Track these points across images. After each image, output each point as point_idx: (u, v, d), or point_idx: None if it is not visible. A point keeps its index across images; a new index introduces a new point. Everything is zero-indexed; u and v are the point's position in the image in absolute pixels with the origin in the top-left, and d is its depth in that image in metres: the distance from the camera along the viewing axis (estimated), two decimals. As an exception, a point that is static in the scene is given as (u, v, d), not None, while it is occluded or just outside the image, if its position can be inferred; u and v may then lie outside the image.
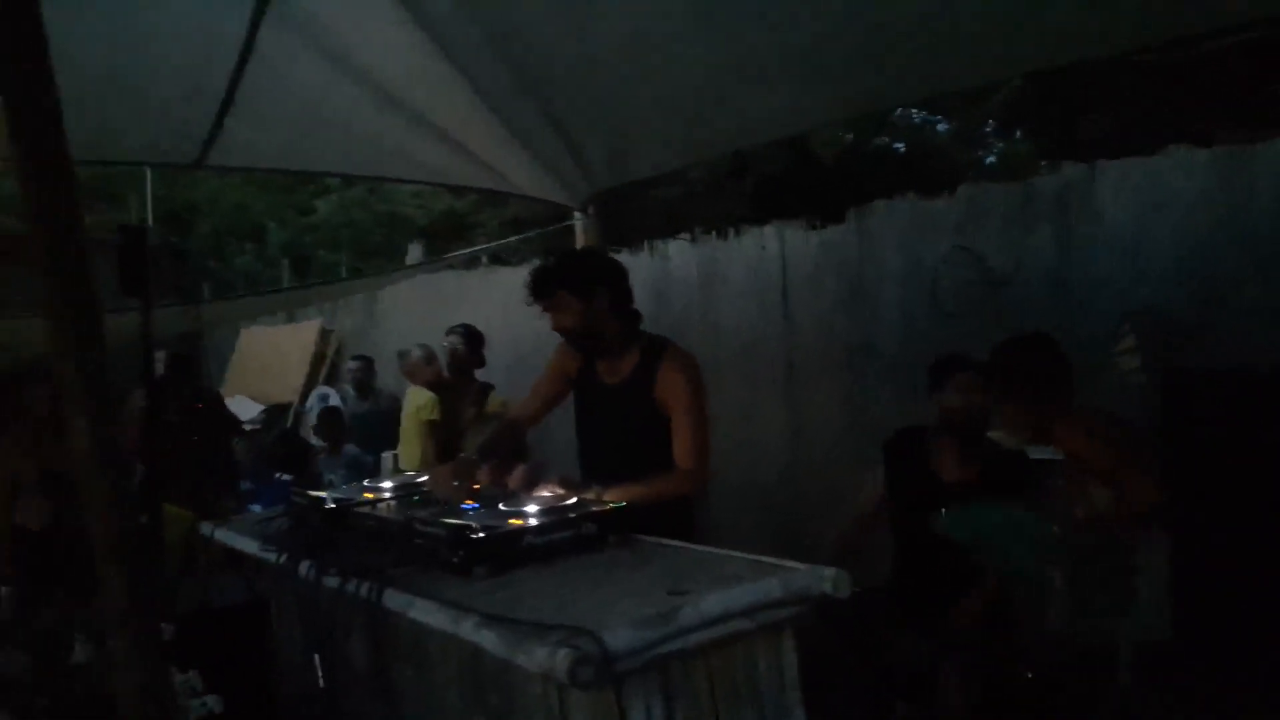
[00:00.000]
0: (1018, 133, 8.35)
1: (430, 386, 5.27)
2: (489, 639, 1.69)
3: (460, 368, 5.21)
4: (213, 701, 2.45)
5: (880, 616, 2.95)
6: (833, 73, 3.14)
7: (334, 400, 9.16)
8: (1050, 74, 6.23)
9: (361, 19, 3.02)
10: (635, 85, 3.31)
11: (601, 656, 1.56)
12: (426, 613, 1.89)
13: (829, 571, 1.87)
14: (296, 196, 17.34)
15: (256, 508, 6.39)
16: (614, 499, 2.46)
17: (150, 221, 12.95)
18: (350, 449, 6.56)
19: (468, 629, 1.75)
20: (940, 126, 9.88)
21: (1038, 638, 2.95)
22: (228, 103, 3.25)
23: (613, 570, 2.04)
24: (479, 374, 5.29)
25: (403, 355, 5.43)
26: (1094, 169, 3.89)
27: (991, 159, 9.13)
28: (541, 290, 2.81)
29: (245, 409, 9.34)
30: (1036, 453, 2.84)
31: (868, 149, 9.65)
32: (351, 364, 7.86)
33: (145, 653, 1.76)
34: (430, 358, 5.35)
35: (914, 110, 9.84)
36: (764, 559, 1.98)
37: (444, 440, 5.05)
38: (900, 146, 10.44)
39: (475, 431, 4.68)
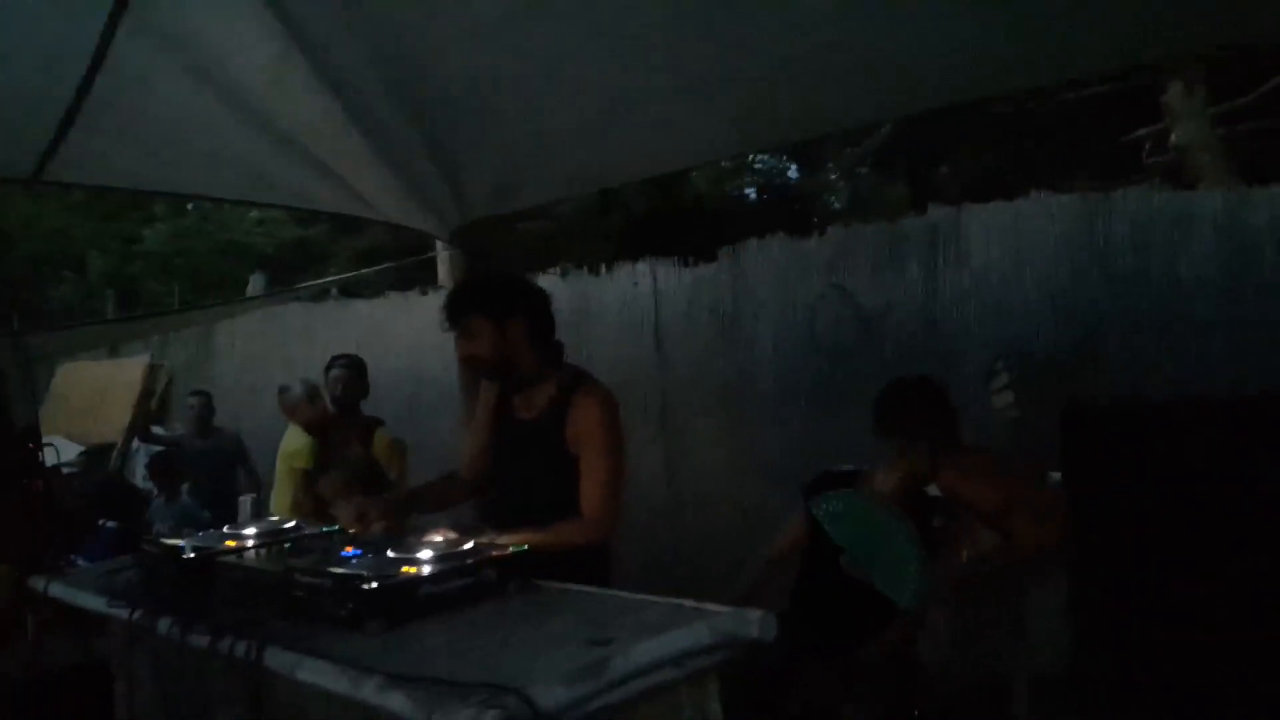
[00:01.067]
0: (863, 174, 8.68)
1: (311, 427, 4.83)
2: (398, 702, 1.52)
3: (345, 403, 4.84)
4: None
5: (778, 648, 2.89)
6: (728, 108, 3.14)
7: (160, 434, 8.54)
8: (918, 120, 6.55)
9: (229, 31, 2.82)
10: (530, 110, 3.20)
11: (531, 716, 1.43)
12: (318, 674, 1.69)
13: (755, 615, 1.80)
14: (122, 224, 16.24)
15: (78, 559, 5.82)
16: (511, 543, 2.32)
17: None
18: (186, 500, 6.04)
19: (371, 691, 1.58)
20: (790, 173, 10.24)
21: (922, 671, 2.97)
22: (73, 114, 2.96)
23: (523, 620, 1.90)
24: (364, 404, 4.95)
25: (283, 391, 4.98)
26: (960, 211, 4.04)
27: (838, 205, 9.47)
28: (454, 314, 2.61)
29: (64, 450, 8.57)
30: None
31: (724, 193, 9.87)
32: (190, 400, 7.32)
33: None
34: (314, 394, 4.91)
35: (765, 156, 10.15)
36: (683, 603, 1.89)
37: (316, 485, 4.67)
38: (751, 192, 10.72)
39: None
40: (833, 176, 8.83)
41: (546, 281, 5.75)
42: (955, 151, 6.83)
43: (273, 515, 4.81)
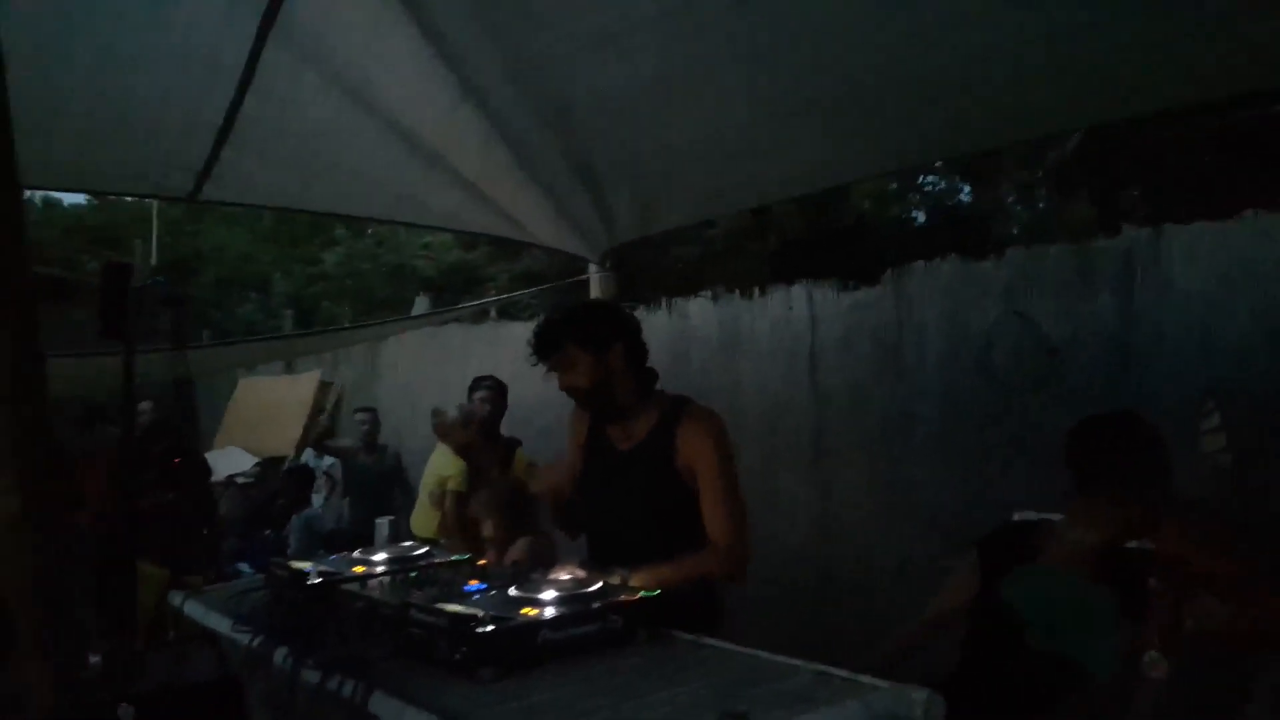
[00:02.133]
0: (1044, 193, 8.06)
1: (463, 451, 4.85)
2: (499, 771, 1.35)
3: (488, 427, 4.82)
4: (163, 814, 2.08)
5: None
6: (876, 122, 2.91)
7: (327, 460, 8.82)
8: (1108, 135, 6.03)
9: (376, 48, 2.79)
10: (670, 129, 3.09)
11: (645, 807, 1.22)
12: (421, 727, 1.54)
13: (919, 694, 1.53)
14: (304, 249, 17.21)
15: (244, 566, 6.02)
16: (642, 584, 2.13)
17: (155, 270, 12.78)
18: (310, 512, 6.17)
19: (471, 754, 1.41)
20: (962, 195, 9.70)
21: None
22: (225, 132, 3.00)
23: (646, 678, 1.69)
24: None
25: (437, 414, 5.03)
26: (1160, 233, 3.61)
27: (1016, 227, 8.84)
28: (548, 346, 2.53)
29: (239, 461, 9.02)
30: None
31: (889, 214, 9.46)
32: (359, 416, 7.52)
33: None
34: (469, 420, 4.95)
35: (933, 176, 9.67)
36: (833, 671, 1.64)
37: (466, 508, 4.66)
38: (919, 215, 10.25)
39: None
40: (1010, 198, 8.27)
41: (696, 305, 5.58)
42: (1149, 168, 6.23)
43: (412, 537, 4.82)
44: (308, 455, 9.03)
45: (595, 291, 4.42)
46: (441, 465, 4.89)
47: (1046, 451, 3.71)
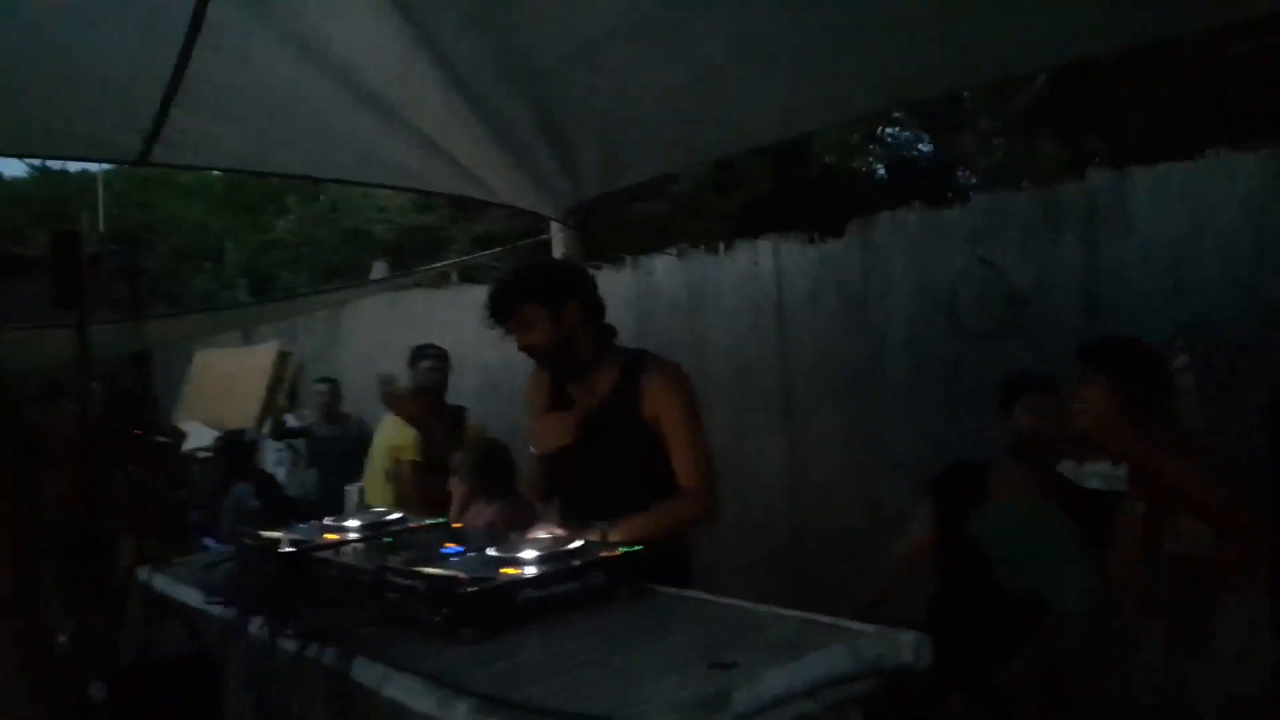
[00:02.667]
0: (1007, 140, 8.04)
1: (414, 421, 4.79)
2: (490, 732, 1.32)
3: (436, 394, 4.78)
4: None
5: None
6: (841, 67, 2.87)
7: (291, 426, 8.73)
8: (1073, 78, 6.01)
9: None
10: (635, 78, 3.02)
11: (639, 759, 1.20)
12: (407, 691, 1.51)
13: (906, 637, 1.52)
14: (258, 217, 16.88)
15: (209, 541, 5.93)
16: (622, 539, 2.11)
17: (109, 242, 12.46)
18: (240, 488, 6.06)
19: (461, 714, 1.38)
20: (924, 146, 9.69)
21: (1090, 692, 2.62)
22: (173, 91, 2.88)
23: (632, 633, 1.68)
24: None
25: (386, 382, 4.96)
26: (1125, 175, 3.61)
27: (980, 174, 8.80)
28: (504, 308, 2.50)
29: (199, 436, 8.87)
30: (1093, 482, 2.52)
31: (852, 167, 9.42)
32: (318, 387, 7.40)
33: None
34: (421, 390, 4.87)
35: (897, 128, 9.64)
36: (818, 618, 1.64)
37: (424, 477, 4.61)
38: (880, 168, 10.23)
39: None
40: (973, 147, 8.25)
41: (661, 263, 5.54)
42: (1114, 110, 6.22)
43: (370, 506, 4.77)
44: (263, 431, 8.93)
45: (558, 251, 4.36)
46: (392, 436, 4.82)
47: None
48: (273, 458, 8.74)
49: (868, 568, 2.97)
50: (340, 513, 3.63)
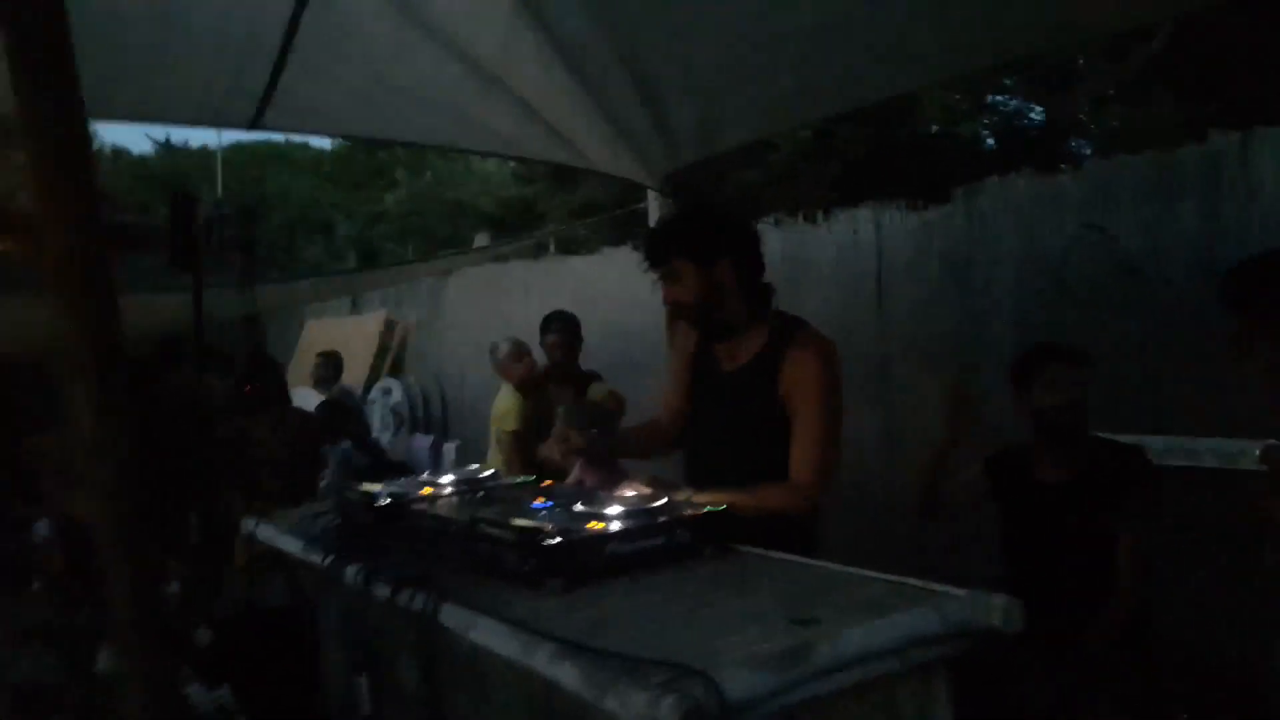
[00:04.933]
0: (1123, 103, 7.60)
1: (522, 386, 4.77)
2: (569, 675, 1.34)
3: (563, 367, 4.66)
4: (243, 728, 2.14)
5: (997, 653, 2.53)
6: (945, 22, 2.76)
7: (397, 393, 8.98)
8: (1194, 35, 5.68)
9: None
10: (732, 39, 2.96)
11: (718, 706, 1.19)
12: (492, 636, 1.54)
13: (997, 600, 1.48)
14: (367, 191, 17.35)
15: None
16: (709, 503, 2.10)
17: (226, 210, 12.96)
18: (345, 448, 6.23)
19: (542, 660, 1.40)
20: (1034, 114, 9.30)
21: (1189, 664, 2.53)
22: (283, 56, 2.97)
23: (716, 589, 1.67)
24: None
25: (493, 350, 4.98)
26: (1249, 138, 3.41)
27: (1092, 139, 8.36)
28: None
29: (307, 399, 9.20)
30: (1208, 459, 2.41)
31: (957, 133, 9.10)
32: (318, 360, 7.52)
33: (150, 672, 1.50)
34: (520, 353, 4.85)
35: (1004, 96, 9.28)
36: (907, 581, 1.60)
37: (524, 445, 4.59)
38: (988, 135, 9.86)
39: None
40: (1085, 112, 7.87)
41: (759, 231, 5.46)
42: (1238, 69, 5.83)
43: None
44: (375, 392, 9.21)
45: (654, 220, 4.34)
46: (498, 405, 4.84)
47: (1124, 374, 3.60)
48: (377, 422, 9.02)
49: (967, 544, 2.90)
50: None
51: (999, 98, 9.24)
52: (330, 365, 7.31)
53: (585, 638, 1.42)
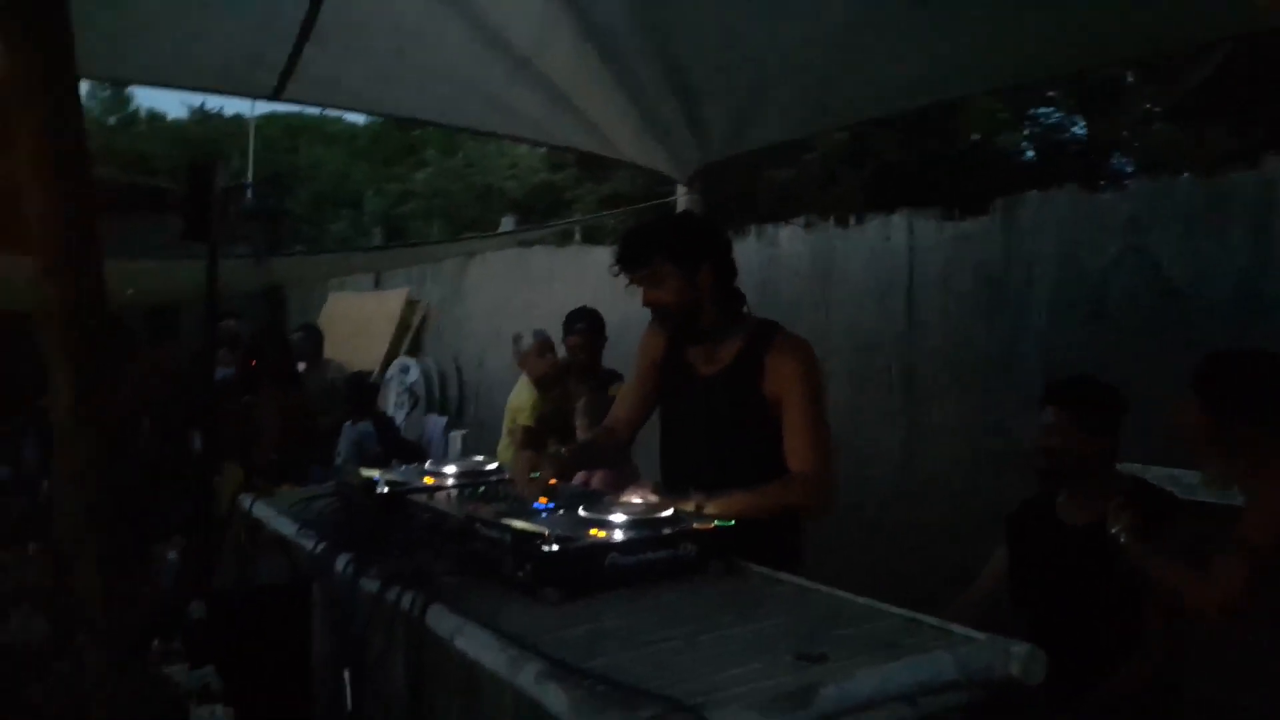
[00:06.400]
0: (1171, 125, 7.41)
1: (542, 382, 4.69)
2: (556, 698, 1.25)
3: (586, 366, 4.52)
4: (222, 714, 2.06)
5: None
6: (989, 30, 2.65)
7: (414, 372, 8.93)
8: (1251, 56, 5.51)
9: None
10: (771, 33, 2.86)
11: (710, 750, 1.11)
12: (477, 646, 1.46)
13: (1018, 648, 1.38)
14: (397, 168, 17.32)
15: (317, 468, 6.05)
16: (719, 511, 2.00)
17: (250, 181, 12.97)
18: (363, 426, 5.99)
19: (528, 678, 1.32)
20: (1078, 129, 9.10)
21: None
22: (307, 28, 2.89)
23: (719, 612, 1.58)
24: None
25: (516, 341, 4.90)
26: (1306, 165, 3.28)
27: (1137, 158, 8.18)
28: (636, 258, 2.36)
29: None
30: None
31: (998, 144, 8.92)
32: (296, 335, 7.12)
33: (115, 652, 1.44)
34: (545, 348, 4.78)
35: (1049, 108, 9.10)
36: (922, 618, 1.50)
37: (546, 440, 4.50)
38: (1029, 149, 9.68)
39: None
40: (1132, 131, 7.68)
41: (787, 234, 5.36)
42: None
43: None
44: (393, 369, 9.17)
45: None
46: (515, 397, 4.78)
47: (1162, 401, 3.47)
48: (393, 400, 8.98)
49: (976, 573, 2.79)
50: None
51: (1042, 110, 9.06)
52: (310, 340, 6.72)
53: (577, 656, 1.34)
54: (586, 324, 4.52)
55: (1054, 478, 2.58)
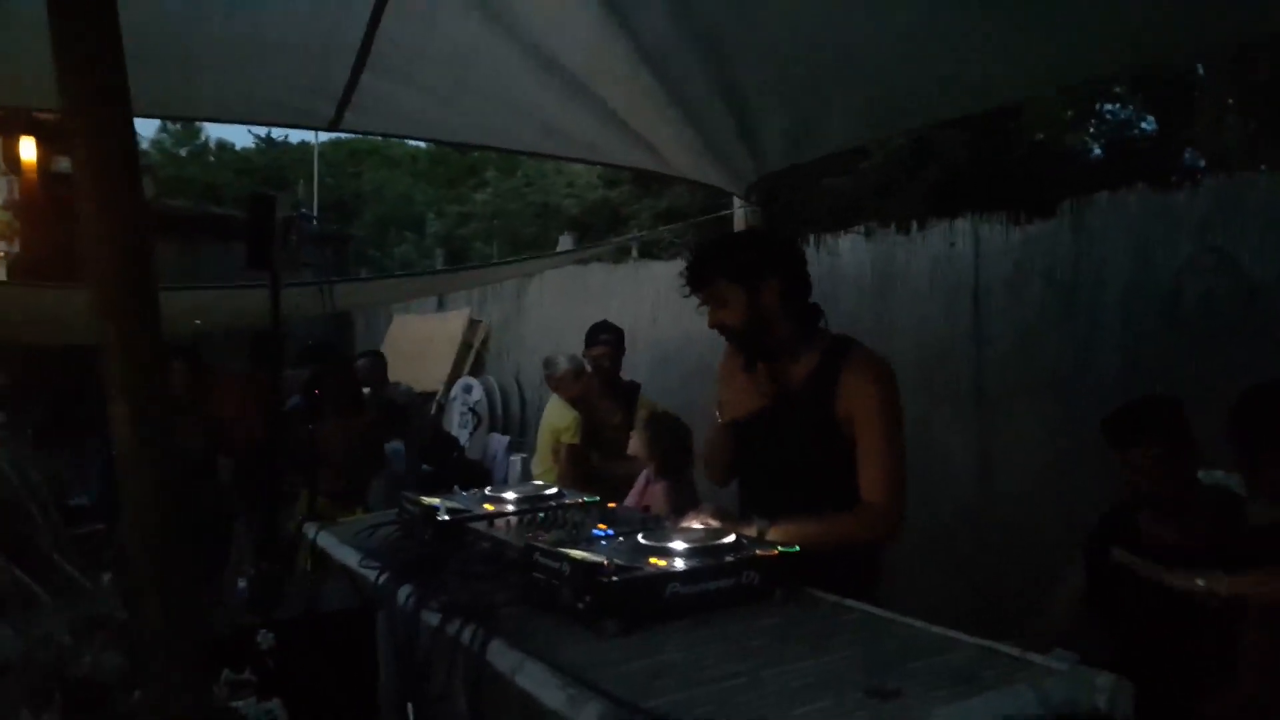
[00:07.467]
0: (1248, 120, 7.15)
1: (576, 402, 4.80)
2: (613, 740, 1.22)
3: (609, 377, 4.77)
4: (288, 748, 2.06)
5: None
6: (1053, 27, 2.56)
7: (476, 392, 9.00)
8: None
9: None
10: (826, 41, 2.81)
11: (777, 797, 1.06)
12: (537, 683, 1.43)
13: (1103, 679, 1.30)
14: (458, 189, 17.56)
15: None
16: (782, 538, 1.95)
17: (315, 208, 13.26)
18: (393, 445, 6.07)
19: (590, 717, 1.28)
20: (1146, 124, 8.83)
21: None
22: (364, 56, 2.92)
23: (785, 643, 1.53)
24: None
25: (549, 365, 4.99)
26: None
27: (1209, 157, 7.93)
28: (698, 279, 2.33)
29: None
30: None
31: (1064, 144, 8.69)
32: (360, 363, 7.18)
33: (183, 685, 1.44)
34: (579, 372, 4.88)
35: (1115, 105, 8.84)
36: (1000, 647, 1.44)
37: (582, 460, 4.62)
38: (1097, 148, 9.42)
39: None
40: (1202, 126, 7.42)
41: (848, 242, 5.28)
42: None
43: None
44: (456, 389, 9.26)
45: (739, 227, 4.20)
46: (556, 417, 4.83)
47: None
48: (456, 420, 9.06)
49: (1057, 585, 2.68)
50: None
51: (1110, 106, 8.81)
52: (374, 366, 6.81)
53: (637, 693, 1.30)
54: (609, 335, 4.78)
55: (1142, 502, 2.48)
